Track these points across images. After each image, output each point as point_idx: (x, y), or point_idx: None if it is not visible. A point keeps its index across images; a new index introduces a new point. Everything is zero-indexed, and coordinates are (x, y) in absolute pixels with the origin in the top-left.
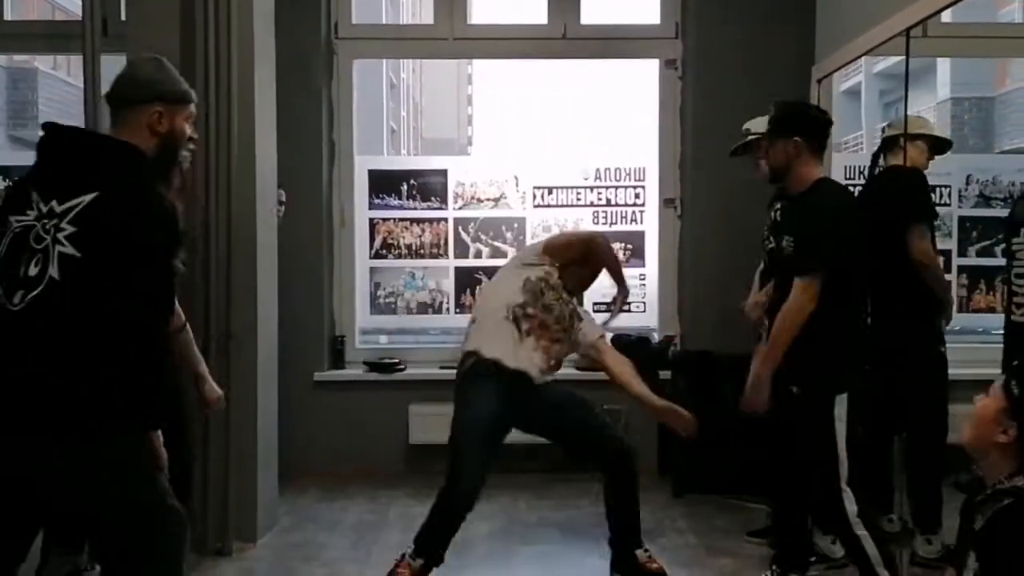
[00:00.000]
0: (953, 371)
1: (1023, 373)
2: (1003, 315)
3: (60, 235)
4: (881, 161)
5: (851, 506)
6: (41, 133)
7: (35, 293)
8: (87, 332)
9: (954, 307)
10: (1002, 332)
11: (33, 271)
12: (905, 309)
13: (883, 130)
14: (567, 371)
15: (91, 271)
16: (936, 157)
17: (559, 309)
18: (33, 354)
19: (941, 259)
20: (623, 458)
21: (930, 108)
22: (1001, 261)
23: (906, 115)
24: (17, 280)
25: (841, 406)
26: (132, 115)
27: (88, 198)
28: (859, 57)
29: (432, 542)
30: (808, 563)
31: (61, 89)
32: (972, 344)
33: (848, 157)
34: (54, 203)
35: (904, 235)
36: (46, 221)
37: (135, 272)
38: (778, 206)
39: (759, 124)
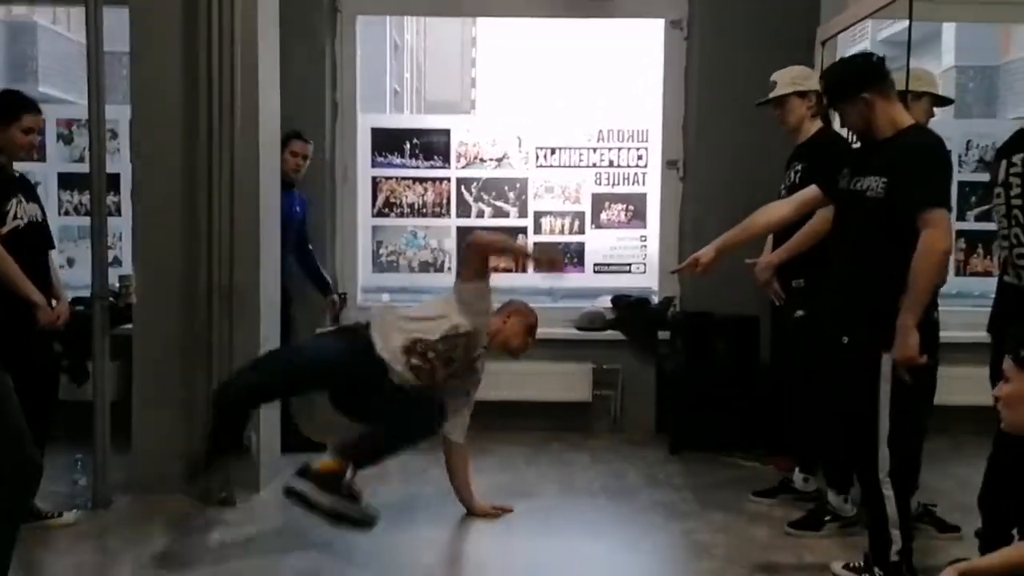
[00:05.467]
0: (950, 334)
1: (1021, 336)
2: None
3: None
4: None
5: (885, 464)
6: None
7: None
8: None
9: (951, 270)
10: None
11: None
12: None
13: None
14: (567, 330)
15: None
16: (937, 116)
17: (457, 366)
18: None
19: None
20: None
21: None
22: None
23: (908, 75)
24: None
25: (887, 365)
26: None
27: None
28: (863, 19)
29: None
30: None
31: (61, 44)
32: (968, 308)
33: None
34: None
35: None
36: None
37: None
38: (798, 167)
39: (784, 76)
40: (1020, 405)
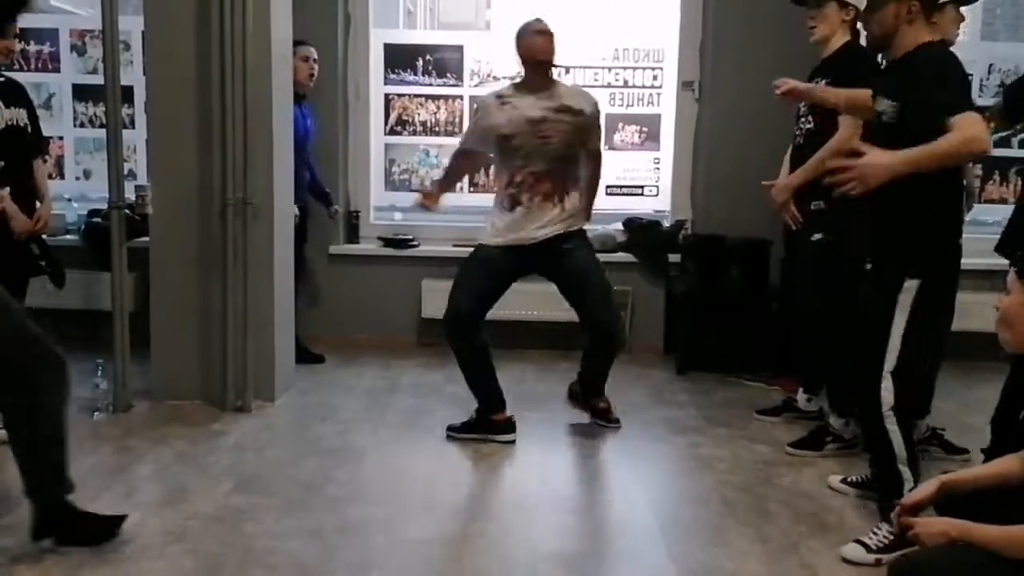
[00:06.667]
0: (964, 260)
1: None
2: (1015, 204)
3: None
4: None
5: (888, 397)
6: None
7: None
8: None
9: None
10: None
11: None
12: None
13: None
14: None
15: None
16: (963, 37)
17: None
18: None
19: None
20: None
21: None
22: (1018, 152)
23: None
24: None
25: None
26: None
27: None
28: None
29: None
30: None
31: None
32: (983, 235)
33: None
34: None
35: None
36: None
37: None
38: (821, 82)
39: None
40: (1016, 320)
